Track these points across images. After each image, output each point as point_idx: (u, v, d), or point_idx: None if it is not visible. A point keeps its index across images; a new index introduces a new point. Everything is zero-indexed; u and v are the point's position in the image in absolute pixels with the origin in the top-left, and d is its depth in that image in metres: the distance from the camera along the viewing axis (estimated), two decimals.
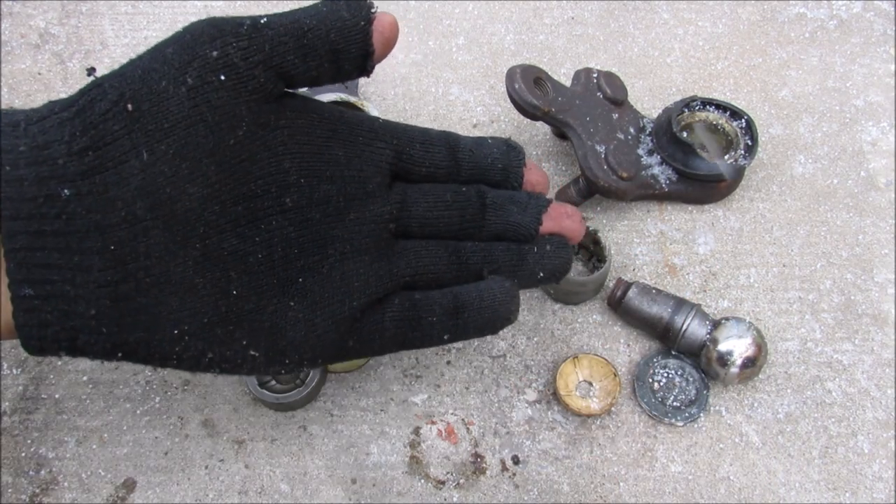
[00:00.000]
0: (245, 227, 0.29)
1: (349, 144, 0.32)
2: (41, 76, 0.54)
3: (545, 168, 0.51)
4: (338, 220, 0.32)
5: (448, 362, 0.44)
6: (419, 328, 0.33)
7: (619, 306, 0.44)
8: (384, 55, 0.31)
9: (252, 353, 0.30)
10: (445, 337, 0.34)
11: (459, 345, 0.44)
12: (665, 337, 0.43)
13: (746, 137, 0.48)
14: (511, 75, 0.43)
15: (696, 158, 0.46)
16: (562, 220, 0.36)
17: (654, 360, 0.43)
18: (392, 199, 0.34)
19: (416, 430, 0.42)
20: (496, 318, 0.34)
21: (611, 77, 0.48)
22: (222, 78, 0.28)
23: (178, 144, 0.27)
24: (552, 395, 0.43)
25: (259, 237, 0.30)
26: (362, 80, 0.54)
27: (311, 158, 0.31)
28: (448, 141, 0.35)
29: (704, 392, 0.42)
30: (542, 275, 0.35)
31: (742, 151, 0.47)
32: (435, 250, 0.34)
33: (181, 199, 0.28)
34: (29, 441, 0.41)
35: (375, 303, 0.33)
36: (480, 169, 0.36)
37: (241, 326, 0.29)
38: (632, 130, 0.48)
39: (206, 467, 0.41)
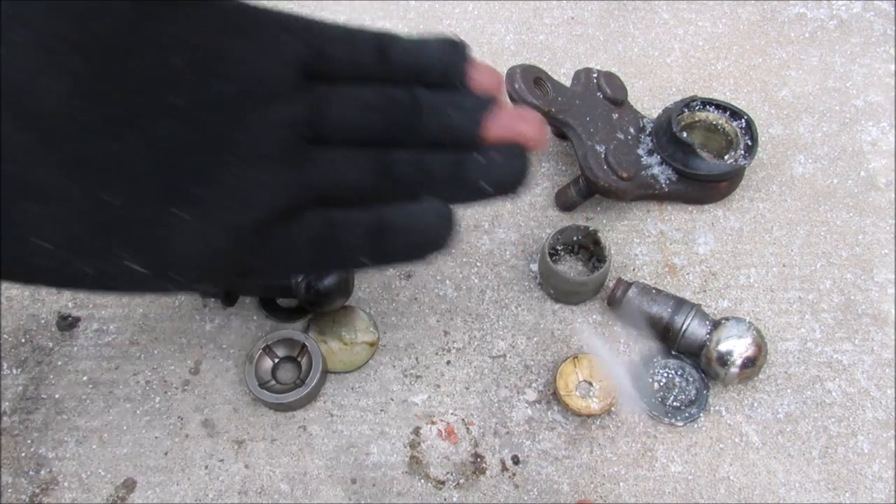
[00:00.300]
0: (123, 128, 0.26)
1: (252, 38, 0.29)
2: None
3: (545, 168, 0.51)
4: (237, 122, 0.28)
5: (448, 362, 0.44)
6: (335, 248, 0.30)
7: (619, 306, 0.44)
8: None
9: (134, 266, 0.27)
10: (364, 260, 0.30)
11: (459, 345, 0.44)
12: (665, 337, 0.43)
13: (746, 137, 0.48)
14: (511, 75, 0.43)
15: (696, 158, 0.46)
16: (515, 124, 0.31)
17: (654, 360, 0.43)
18: (304, 101, 0.30)
19: (416, 430, 0.42)
20: (425, 243, 0.30)
21: (611, 77, 0.48)
22: None
23: (35, 35, 0.24)
24: (552, 395, 0.43)
25: (141, 140, 0.26)
26: None
27: (204, 53, 0.27)
28: (380, 40, 0.31)
29: (704, 392, 0.42)
30: (489, 188, 0.31)
31: (742, 151, 0.47)
32: (355, 158, 0.30)
33: (42, 95, 0.24)
34: (29, 441, 0.41)
35: (284, 217, 0.29)
36: (417, 70, 0.31)
37: (118, 238, 0.26)
38: (632, 130, 0.48)
39: (206, 467, 0.41)
